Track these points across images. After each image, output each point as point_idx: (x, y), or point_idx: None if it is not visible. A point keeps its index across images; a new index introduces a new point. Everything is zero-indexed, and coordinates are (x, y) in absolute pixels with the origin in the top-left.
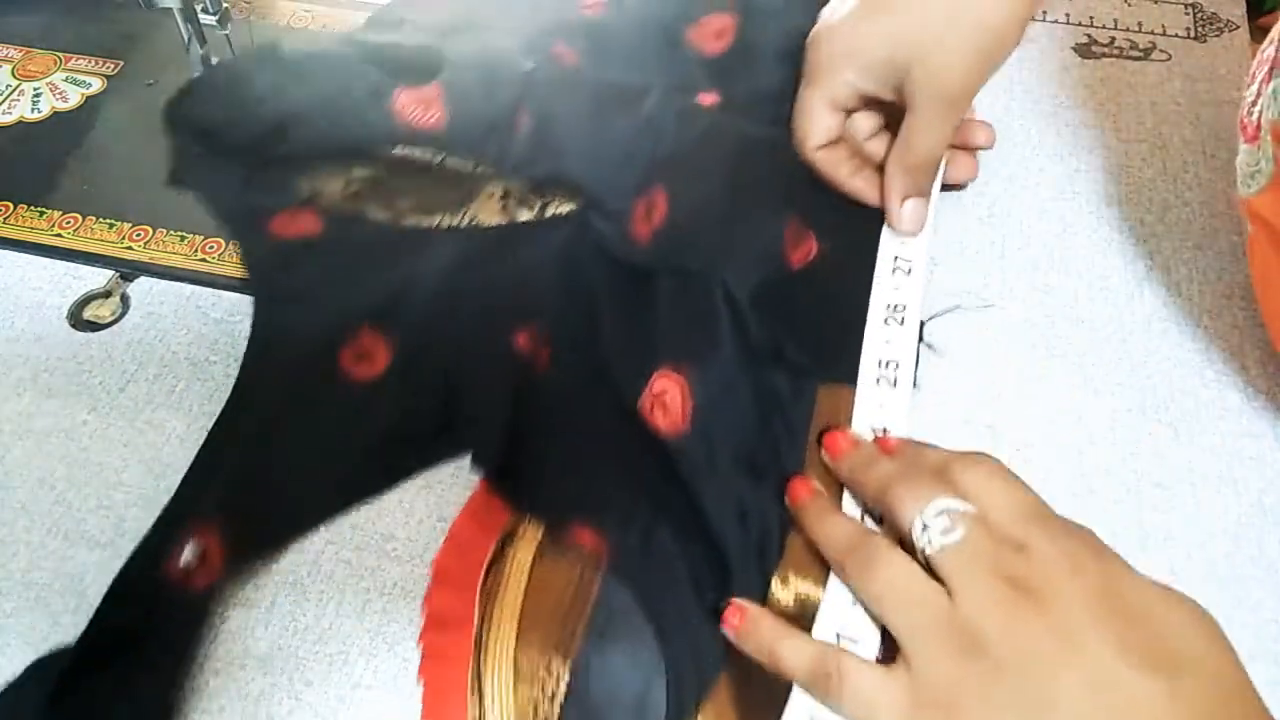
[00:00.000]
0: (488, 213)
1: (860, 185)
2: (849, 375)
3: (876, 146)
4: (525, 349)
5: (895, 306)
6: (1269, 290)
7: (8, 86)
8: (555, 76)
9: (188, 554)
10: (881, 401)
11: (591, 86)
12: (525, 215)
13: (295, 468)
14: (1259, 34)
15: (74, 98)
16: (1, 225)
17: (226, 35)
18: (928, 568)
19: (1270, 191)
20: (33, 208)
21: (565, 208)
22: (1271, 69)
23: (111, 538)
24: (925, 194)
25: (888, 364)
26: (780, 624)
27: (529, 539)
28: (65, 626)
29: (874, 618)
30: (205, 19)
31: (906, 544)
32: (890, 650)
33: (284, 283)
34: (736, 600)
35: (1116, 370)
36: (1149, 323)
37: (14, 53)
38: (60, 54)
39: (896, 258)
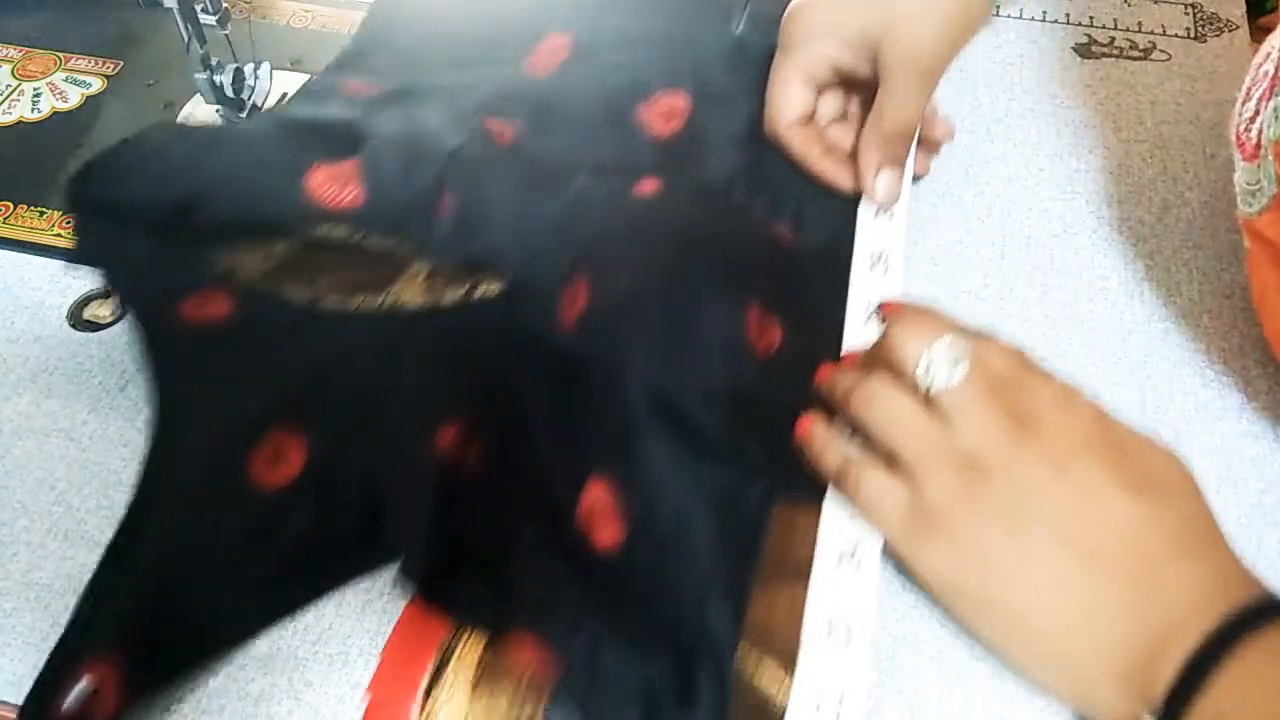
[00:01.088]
0: (412, 293)
1: (829, 167)
2: (810, 493)
3: (839, 134)
4: (451, 447)
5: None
6: (1269, 309)
7: (8, 86)
8: (481, 154)
9: (74, 696)
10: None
11: (519, 166)
12: (452, 296)
13: (202, 588)
14: (1259, 34)
15: (74, 98)
16: (1, 225)
17: (226, 35)
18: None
19: (1272, 212)
20: (33, 208)
21: (495, 287)
22: (1271, 86)
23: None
24: (899, 165)
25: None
26: (831, 435)
27: (468, 659)
28: (65, 627)
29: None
30: (205, 19)
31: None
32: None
33: (191, 376)
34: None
35: (1116, 370)
36: (1149, 323)
37: (14, 53)
38: (60, 54)
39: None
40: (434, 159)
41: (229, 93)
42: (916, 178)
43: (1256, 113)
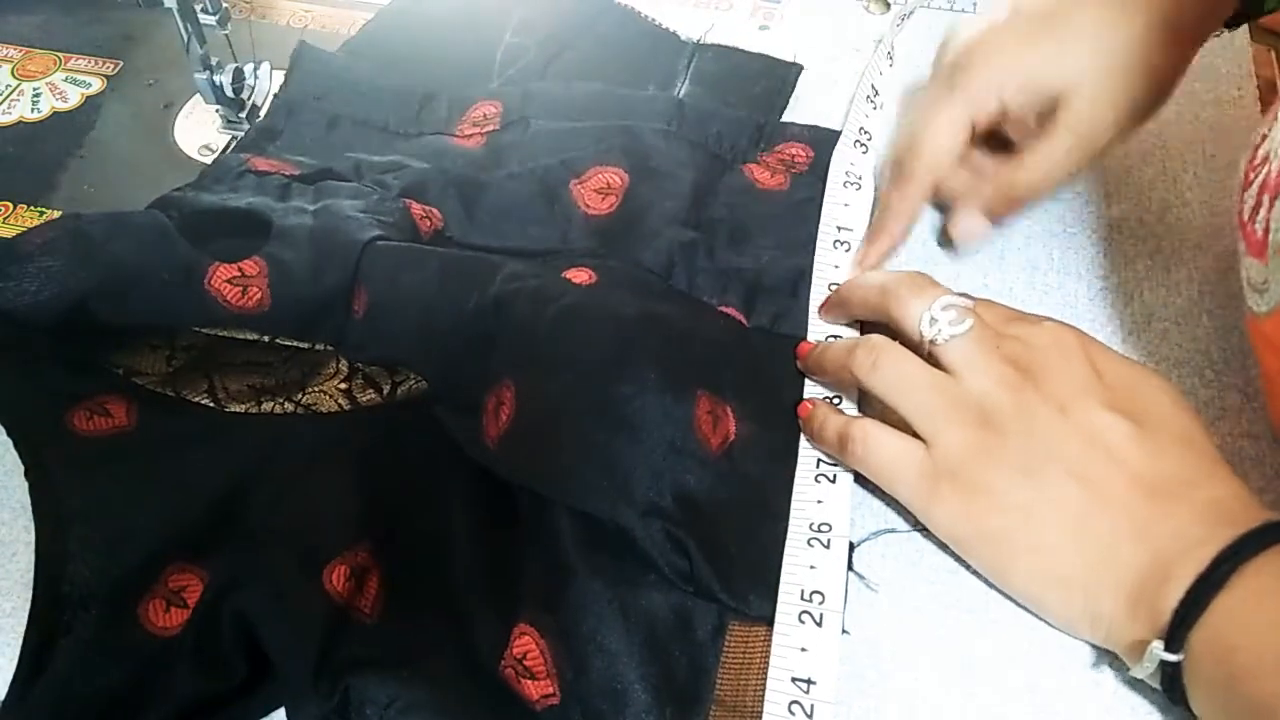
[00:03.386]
0: (328, 395)
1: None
2: (765, 612)
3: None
4: (346, 584)
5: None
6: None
7: (8, 86)
8: (399, 246)
9: None
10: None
11: (438, 260)
12: (371, 396)
13: None
14: (1259, 34)
15: (74, 98)
16: (1, 225)
17: (226, 35)
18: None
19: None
20: (33, 208)
21: (421, 385)
22: (1278, 185)
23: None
24: (997, 220)
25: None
26: (831, 410)
27: None
28: None
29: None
30: (205, 19)
31: (906, 343)
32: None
33: (83, 503)
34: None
35: None
36: (1149, 323)
37: (14, 53)
38: (60, 54)
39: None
40: (346, 252)
41: (229, 93)
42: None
43: (1259, 204)
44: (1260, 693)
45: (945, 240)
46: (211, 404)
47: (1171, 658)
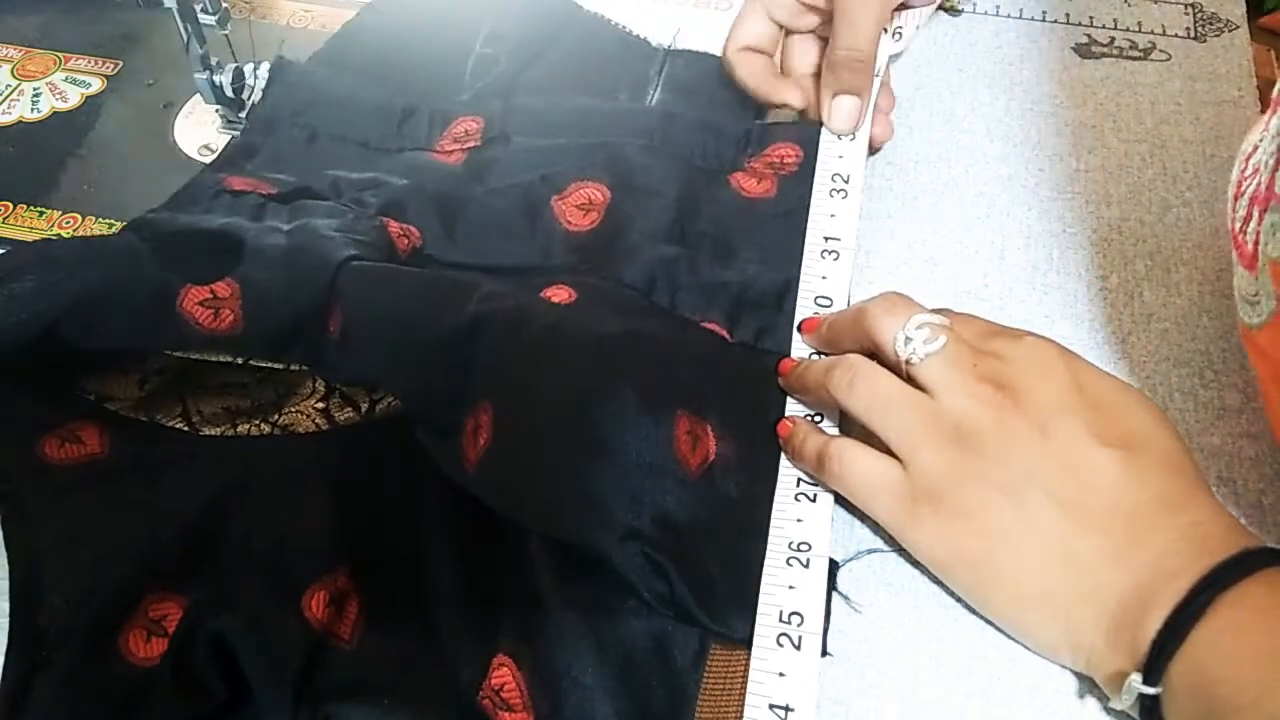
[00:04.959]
0: (305, 415)
1: (770, 85)
2: (748, 634)
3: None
4: (319, 613)
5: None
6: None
7: (8, 86)
8: (374, 266)
9: None
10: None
11: (414, 280)
12: (349, 415)
13: None
14: (1259, 34)
15: (74, 98)
16: (1, 225)
17: (226, 35)
18: (906, 381)
19: (1272, 329)
20: (33, 208)
21: (399, 402)
22: (1268, 198)
23: None
24: (857, 94)
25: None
26: (811, 428)
27: None
28: None
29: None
30: (205, 19)
31: (884, 364)
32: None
33: (58, 533)
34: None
35: (1116, 370)
36: (1149, 323)
37: (14, 53)
38: (60, 54)
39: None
40: (320, 272)
41: (229, 93)
42: (874, 150)
43: (1249, 216)
44: None
45: (944, 248)
46: (186, 428)
47: (1150, 690)
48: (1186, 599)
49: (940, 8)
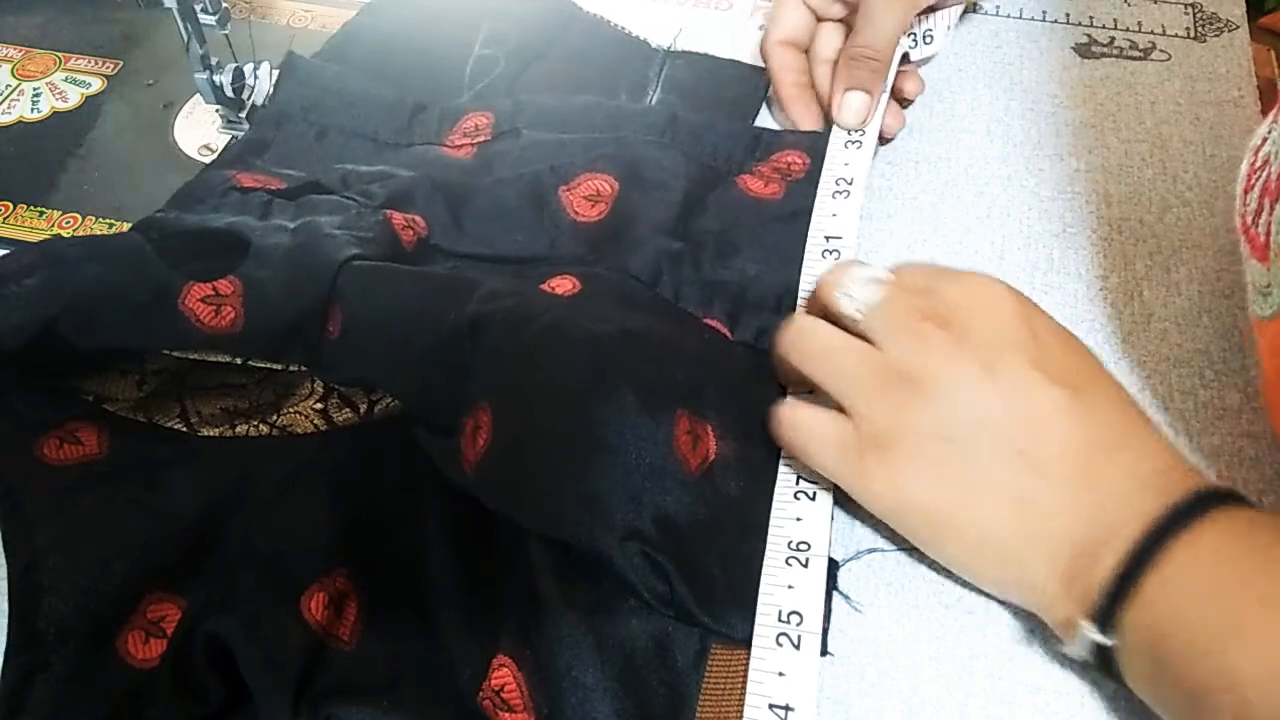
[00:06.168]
0: (304, 415)
1: (794, 94)
2: (748, 633)
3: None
4: (323, 612)
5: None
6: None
7: (8, 86)
8: (373, 268)
9: None
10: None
11: (414, 280)
12: (348, 416)
13: None
14: (1259, 34)
15: (74, 98)
16: (1, 225)
17: (226, 35)
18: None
19: None
20: (33, 208)
21: (399, 403)
22: (1279, 189)
23: None
24: (869, 91)
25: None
26: (796, 402)
27: None
28: None
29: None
30: (205, 19)
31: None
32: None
33: (56, 533)
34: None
35: (1116, 370)
36: (1149, 323)
37: (14, 53)
38: (60, 54)
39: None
40: (321, 272)
41: (229, 93)
42: (891, 137)
43: (1261, 208)
44: (1191, 675)
45: (942, 252)
46: (184, 428)
47: (1102, 639)
48: (1138, 546)
49: (966, 9)
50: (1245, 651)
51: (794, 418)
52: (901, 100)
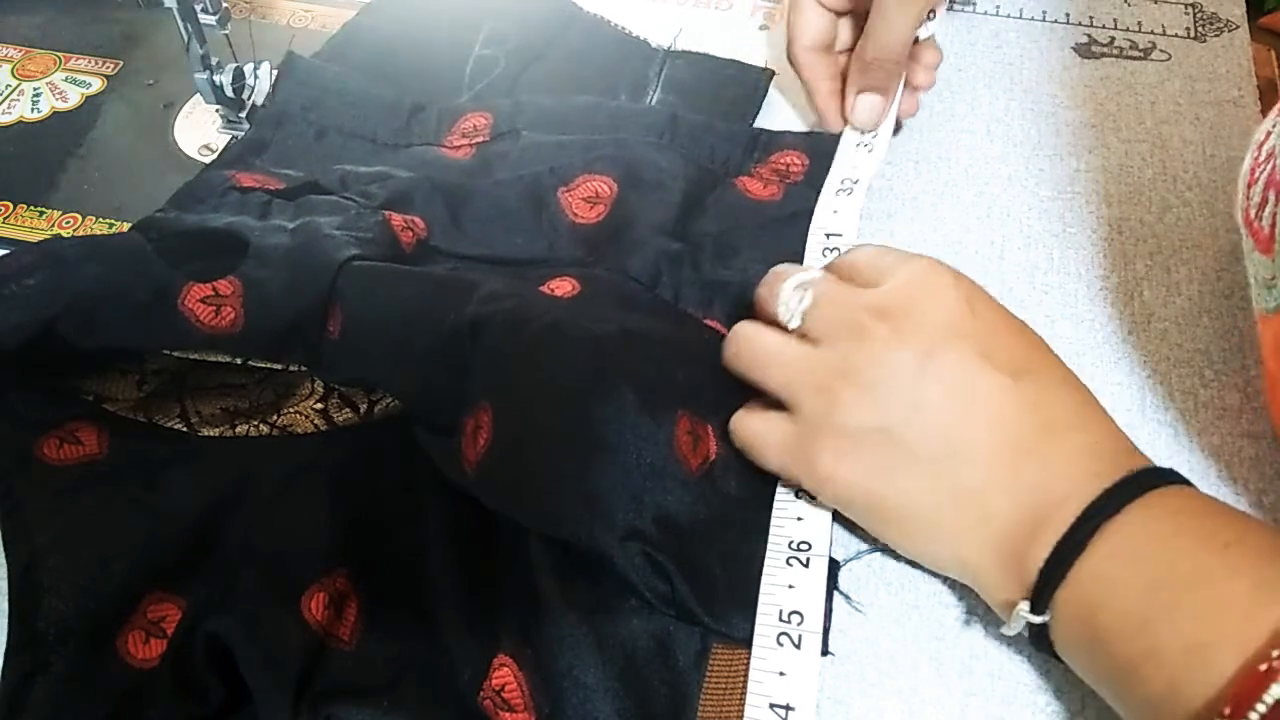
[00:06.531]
0: (304, 415)
1: (831, 107)
2: (749, 633)
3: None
4: (324, 612)
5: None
6: None
7: (8, 86)
8: (373, 268)
9: None
10: None
11: (414, 280)
12: (348, 416)
13: None
14: (1259, 34)
15: (74, 98)
16: (1, 225)
17: (226, 35)
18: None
19: None
20: (33, 208)
21: (399, 403)
22: None
23: None
24: (882, 92)
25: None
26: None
27: None
28: None
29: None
30: (205, 19)
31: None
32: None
33: (54, 535)
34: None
35: (1116, 370)
36: (1149, 323)
37: (14, 53)
38: (60, 54)
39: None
40: (321, 272)
41: (229, 93)
42: (899, 126)
43: (1265, 201)
44: (1123, 653)
45: (943, 249)
46: (184, 428)
47: (1037, 619)
48: (1072, 528)
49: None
50: (1172, 630)
51: (743, 424)
52: (915, 87)
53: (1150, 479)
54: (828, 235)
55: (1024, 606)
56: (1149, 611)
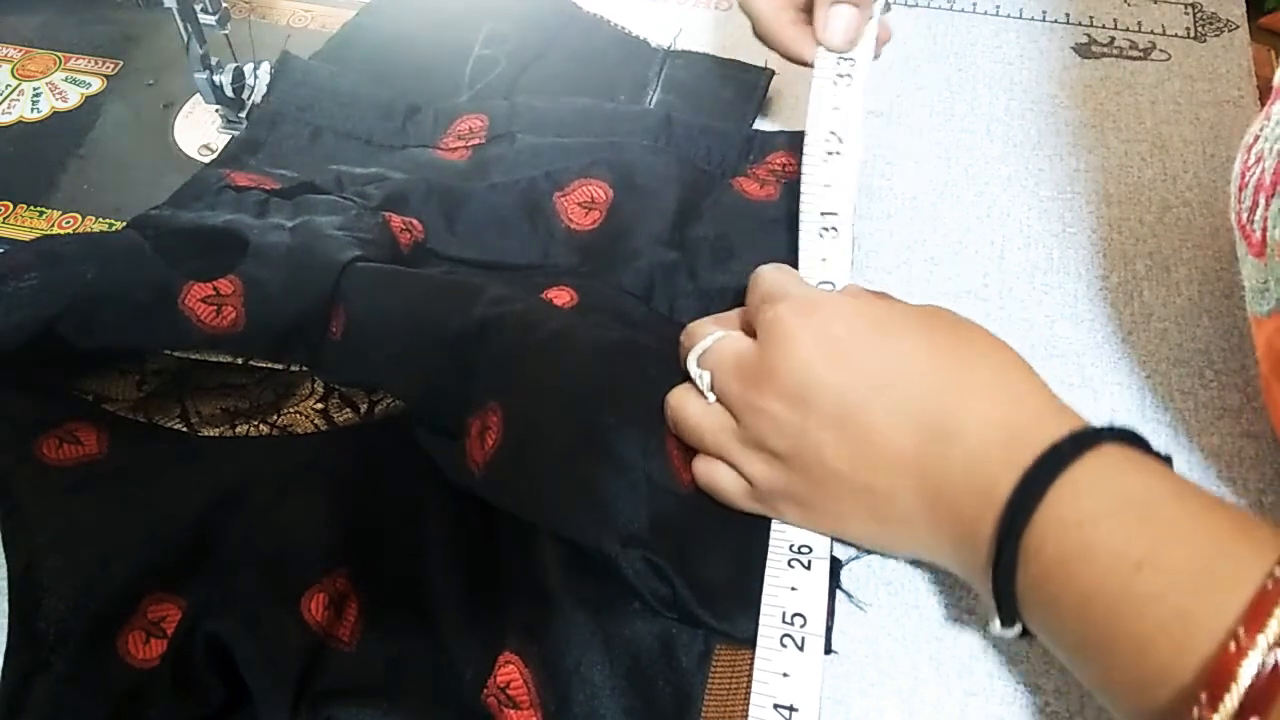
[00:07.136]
0: (304, 415)
1: (799, 31)
2: (752, 633)
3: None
4: (324, 612)
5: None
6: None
7: (8, 86)
8: (378, 269)
9: None
10: None
11: (420, 282)
12: (348, 416)
13: None
14: (1259, 34)
15: (74, 98)
16: (1, 225)
17: (226, 35)
18: None
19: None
20: (33, 208)
21: (399, 404)
22: (1274, 185)
23: None
24: (856, 2)
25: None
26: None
27: None
28: None
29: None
30: (205, 19)
31: None
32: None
33: (54, 535)
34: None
35: (1116, 370)
36: (1149, 323)
37: (14, 53)
38: (60, 54)
39: (823, 214)
40: (324, 273)
41: (229, 93)
42: (877, 54)
43: (1255, 204)
44: (1082, 627)
45: (943, 245)
46: (184, 428)
47: (1011, 634)
48: (1010, 513)
49: None
50: (1129, 603)
51: (703, 473)
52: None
53: (1060, 456)
54: (823, 214)
55: (995, 625)
56: (1104, 587)
